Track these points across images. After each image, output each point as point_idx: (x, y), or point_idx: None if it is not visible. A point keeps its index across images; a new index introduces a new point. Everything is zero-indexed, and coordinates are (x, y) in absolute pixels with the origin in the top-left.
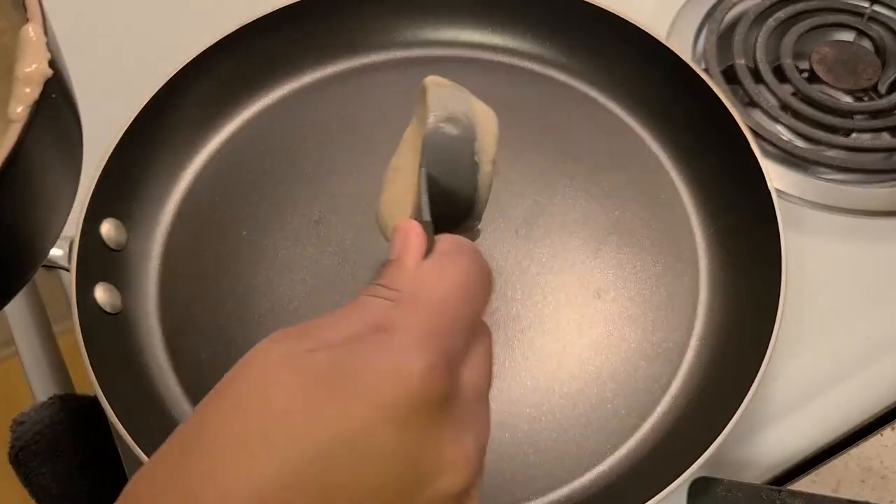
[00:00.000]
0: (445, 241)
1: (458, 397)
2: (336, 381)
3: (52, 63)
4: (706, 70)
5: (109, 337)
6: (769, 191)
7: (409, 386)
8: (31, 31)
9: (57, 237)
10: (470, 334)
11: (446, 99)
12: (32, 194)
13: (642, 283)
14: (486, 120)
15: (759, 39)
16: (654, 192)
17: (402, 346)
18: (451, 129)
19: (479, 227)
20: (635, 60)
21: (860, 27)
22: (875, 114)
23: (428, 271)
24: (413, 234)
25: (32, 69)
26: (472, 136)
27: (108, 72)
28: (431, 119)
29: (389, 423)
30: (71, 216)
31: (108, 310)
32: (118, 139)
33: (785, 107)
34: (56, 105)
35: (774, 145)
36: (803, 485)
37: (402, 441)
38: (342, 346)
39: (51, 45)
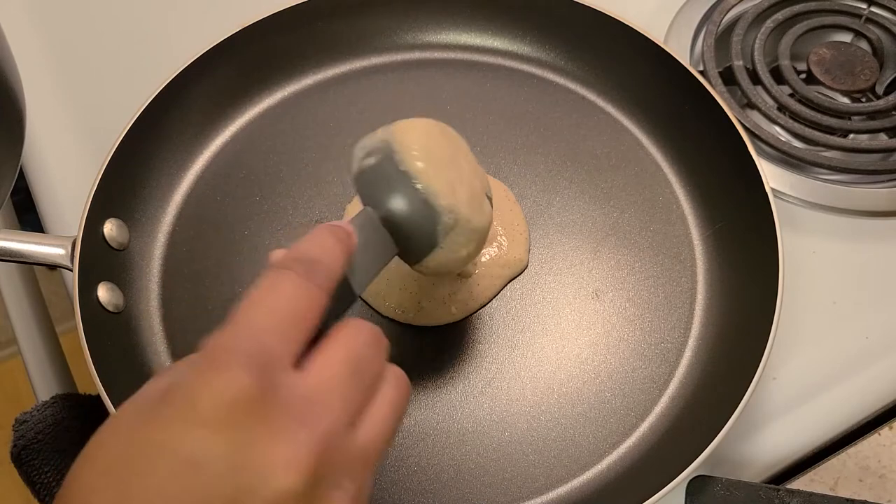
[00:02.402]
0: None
1: (278, 399)
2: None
3: None
4: (704, 71)
5: (111, 336)
6: (766, 192)
7: (233, 389)
8: None
9: None
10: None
11: (363, 141)
12: None
13: (640, 283)
14: (402, 131)
15: (757, 41)
16: (652, 193)
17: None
18: (369, 160)
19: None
20: (633, 63)
21: (858, 28)
22: (872, 115)
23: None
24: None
25: None
26: (389, 151)
27: (111, 72)
28: (354, 167)
29: (217, 432)
30: (73, 216)
31: (110, 309)
32: (120, 139)
33: (782, 108)
34: None
35: (772, 146)
36: (801, 483)
37: (228, 448)
38: None
39: None
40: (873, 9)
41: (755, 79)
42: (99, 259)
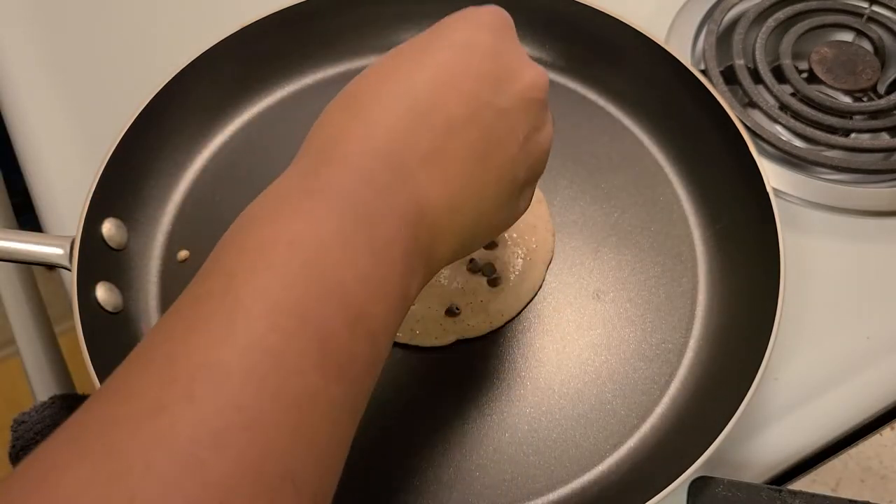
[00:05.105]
0: None
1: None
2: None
3: None
4: (705, 71)
5: (110, 336)
6: (768, 191)
7: (497, 14)
8: None
9: None
10: None
11: None
12: None
13: (641, 284)
14: None
15: (759, 40)
16: (652, 193)
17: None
18: None
19: None
20: (634, 63)
21: (859, 27)
22: (874, 114)
23: None
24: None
25: None
26: None
27: (110, 71)
28: None
29: (487, 31)
30: (72, 216)
31: (109, 309)
32: (119, 139)
33: (784, 107)
34: None
35: (773, 145)
36: (803, 484)
37: (495, 42)
38: None
39: None
40: (875, 8)
41: (756, 78)
42: (98, 259)
